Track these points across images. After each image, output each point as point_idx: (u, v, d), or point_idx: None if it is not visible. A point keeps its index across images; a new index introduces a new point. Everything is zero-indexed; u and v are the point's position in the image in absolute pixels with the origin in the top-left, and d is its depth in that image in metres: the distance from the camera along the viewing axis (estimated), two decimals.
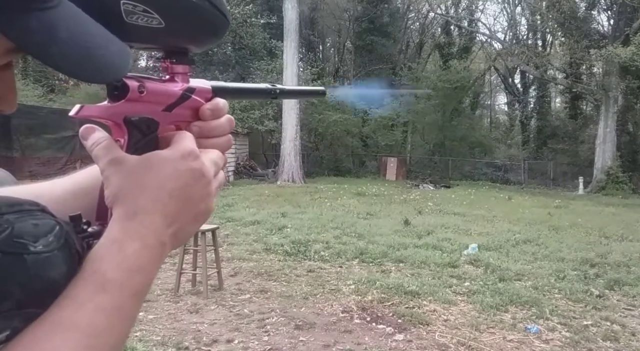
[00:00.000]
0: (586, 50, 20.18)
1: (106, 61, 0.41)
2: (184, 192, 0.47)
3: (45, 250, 0.39)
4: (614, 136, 20.88)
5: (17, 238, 0.38)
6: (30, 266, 0.38)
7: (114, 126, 0.48)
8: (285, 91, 0.65)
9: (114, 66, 0.42)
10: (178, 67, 0.52)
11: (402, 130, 26.68)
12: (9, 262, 0.37)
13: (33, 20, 0.36)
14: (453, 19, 29.64)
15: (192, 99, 0.52)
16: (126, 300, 0.42)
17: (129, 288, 0.42)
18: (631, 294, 5.51)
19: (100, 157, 0.46)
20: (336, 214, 10.46)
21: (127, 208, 0.44)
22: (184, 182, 0.47)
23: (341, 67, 32.07)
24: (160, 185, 0.46)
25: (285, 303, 4.96)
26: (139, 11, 0.43)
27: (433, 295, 5.19)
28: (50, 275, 0.39)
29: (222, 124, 0.55)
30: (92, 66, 0.41)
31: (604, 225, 10.11)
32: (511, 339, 4.20)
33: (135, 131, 0.48)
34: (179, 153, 0.47)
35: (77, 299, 0.40)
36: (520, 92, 31.91)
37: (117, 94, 0.46)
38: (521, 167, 24.90)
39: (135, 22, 0.43)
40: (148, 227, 0.44)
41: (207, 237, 5.37)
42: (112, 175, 0.45)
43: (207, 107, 0.53)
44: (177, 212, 0.47)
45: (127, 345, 3.78)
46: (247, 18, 23.69)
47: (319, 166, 24.32)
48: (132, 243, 0.43)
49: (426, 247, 7.43)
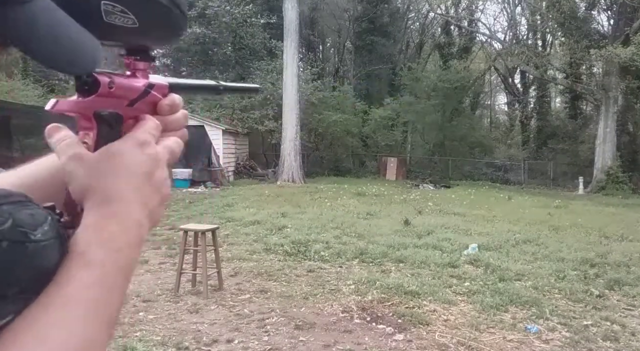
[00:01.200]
0: (586, 50, 20.16)
1: (80, 54, 0.44)
2: (148, 177, 0.50)
3: (43, 238, 0.41)
4: (614, 136, 20.88)
5: (19, 227, 0.40)
6: (31, 254, 0.40)
7: (83, 120, 0.50)
8: (228, 88, 0.68)
9: (88, 60, 0.45)
10: (140, 64, 0.54)
11: (402, 130, 26.69)
12: (14, 250, 0.39)
13: (12, 11, 0.38)
14: (453, 19, 29.64)
15: (151, 95, 0.54)
16: (112, 275, 0.45)
17: (113, 264, 0.45)
18: (631, 294, 5.50)
19: (61, 153, 0.48)
20: (336, 214, 10.46)
21: (99, 196, 0.47)
22: (146, 169, 0.50)
23: (341, 67, 32.08)
24: (125, 173, 0.49)
25: (285, 303, 4.96)
26: (117, 11, 0.46)
27: (433, 295, 5.19)
28: (47, 263, 0.42)
29: (178, 119, 0.57)
30: (68, 58, 0.43)
31: (604, 225, 10.11)
32: (511, 339, 4.20)
33: (103, 125, 0.50)
34: (135, 143, 0.50)
35: (65, 277, 0.42)
36: (520, 92, 31.92)
37: (88, 89, 0.48)
38: (521, 167, 24.90)
39: (113, 22, 0.46)
40: (123, 210, 0.47)
41: (207, 237, 5.37)
42: (75, 170, 0.48)
43: (165, 102, 0.55)
44: (148, 195, 0.50)
45: (127, 345, 3.79)
46: (247, 18, 23.70)
47: (319, 166, 24.32)
48: (110, 226, 0.46)
49: (426, 247, 7.43)
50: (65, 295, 0.42)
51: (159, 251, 7.17)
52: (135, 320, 4.39)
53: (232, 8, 23.01)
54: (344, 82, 28.74)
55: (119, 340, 3.95)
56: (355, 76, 28.85)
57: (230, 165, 19.45)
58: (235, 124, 20.81)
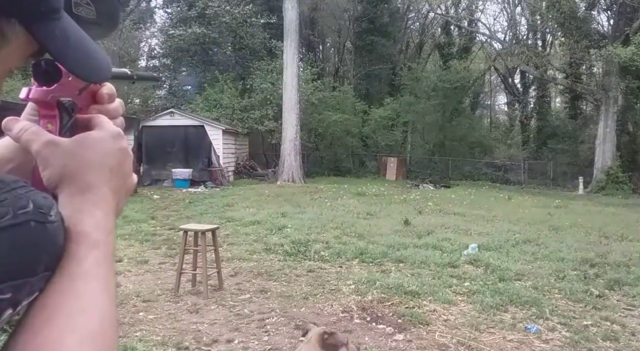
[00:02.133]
0: (586, 50, 20.16)
1: (100, 62, 0.50)
2: (120, 168, 0.53)
3: (56, 219, 0.44)
4: (614, 136, 20.88)
5: (39, 209, 0.43)
6: (51, 234, 0.43)
7: (45, 109, 0.52)
8: (139, 76, 0.71)
9: (106, 66, 0.50)
10: None
11: (402, 130, 26.68)
12: (39, 230, 0.42)
13: (54, 27, 0.44)
14: (453, 19, 29.64)
15: (93, 84, 0.56)
16: (111, 255, 0.49)
17: (110, 246, 0.50)
18: (631, 294, 5.50)
19: (34, 141, 0.49)
20: (336, 214, 10.46)
21: (79, 183, 0.49)
22: (119, 160, 0.53)
23: (341, 67, 32.07)
24: (101, 163, 0.51)
25: (285, 303, 4.96)
26: (84, 4, 0.49)
27: (433, 295, 5.19)
28: (61, 242, 0.45)
29: (116, 107, 0.59)
30: (94, 67, 0.49)
31: (604, 225, 10.10)
32: (511, 339, 4.20)
33: (64, 113, 0.52)
34: (110, 134, 0.53)
35: (77, 255, 0.46)
36: (520, 92, 31.92)
37: (48, 78, 0.50)
38: (521, 167, 24.90)
39: (79, 14, 0.49)
40: (102, 198, 0.50)
41: (207, 237, 5.37)
42: (50, 156, 0.49)
43: (104, 91, 0.57)
44: (118, 186, 0.53)
45: (127, 345, 3.79)
46: (247, 18, 23.69)
47: (319, 166, 24.32)
48: (96, 210, 0.49)
49: (426, 247, 7.43)
50: (85, 271, 0.46)
51: (159, 251, 7.18)
52: (135, 320, 4.39)
53: (232, 8, 23.00)
54: (344, 82, 28.72)
55: (119, 339, 3.95)
56: (355, 76, 28.85)
57: (230, 165, 19.45)
58: (235, 124, 20.80)
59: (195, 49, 24.09)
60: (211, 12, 22.93)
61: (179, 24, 23.62)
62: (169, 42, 24.71)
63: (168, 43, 24.91)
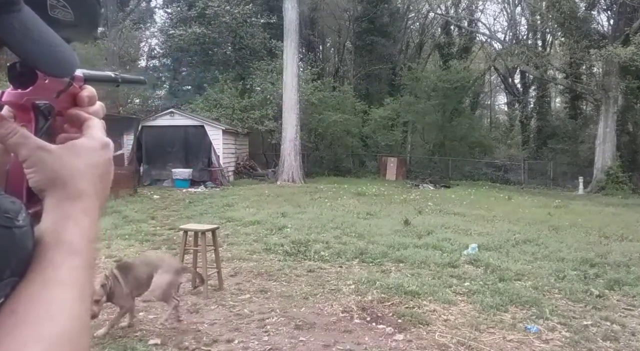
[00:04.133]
0: (586, 50, 20.16)
1: (65, 57, 0.49)
2: (106, 177, 0.54)
3: (24, 224, 0.44)
4: (614, 136, 20.87)
5: (5, 214, 0.42)
6: (18, 239, 0.43)
7: (20, 112, 0.51)
8: (124, 79, 0.71)
9: (70, 61, 0.50)
10: None
11: (402, 130, 26.69)
12: (5, 235, 0.41)
13: (13, 20, 0.43)
14: (453, 19, 29.64)
15: (73, 86, 0.55)
16: (89, 263, 0.49)
17: (92, 253, 0.50)
18: (631, 294, 5.50)
19: (23, 144, 0.49)
20: (336, 214, 10.46)
21: (70, 190, 0.49)
22: (105, 169, 0.54)
23: (341, 67, 32.07)
24: (92, 171, 0.52)
25: (285, 303, 4.96)
26: (60, 6, 0.49)
27: (433, 295, 5.19)
28: (29, 247, 0.45)
29: (97, 110, 0.58)
30: (58, 61, 0.48)
31: (604, 225, 10.10)
32: (511, 339, 4.20)
33: (40, 116, 0.51)
34: (99, 144, 0.54)
35: (54, 262, 0.46)
36: (520, 92, 31.91)
37: (23, 80, 0.49)
38: (521, 167, 24.90)
39: (56, 16, 0.49)
40: (91, 205, 0.51)
41: (207, 237, 5.37)
42: (40, 162, 0.49)
43: (85, 94, 0.56)
44: (104, 194, 0.54)
45: (127, 345, 3.79)
46: (247, 18, 23.69)
47: (319, 166, 24.32)
48: (83, 218, 0.49)
49: (426, 247, 7.43)
50: (60, 277, 0.45)
51: (159, 251, 7.17)
52: (135, 320, 4.39)
53: (232, 8, 23.00)
54: (344, 82, 28.71)
55: (118, 340, 3.95)
56: (355, 76, 28.85)
57: (230, 165, 19.45)
58: (235, 124, 20.80)
59: (195, 49, 24.09)
60: (211, 12, 22.92)
61: (179, 24, 23.62)
62: (169, 42, 24.71)
63: (168, 43, 24.92)
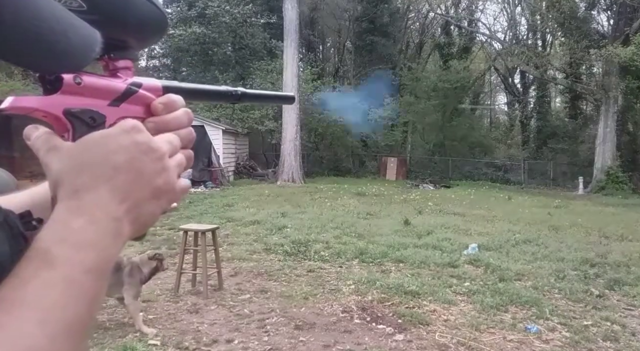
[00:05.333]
0: (586, 50, 20.17)
1: (61, 49, 0.40)
2: (132, 165, 0.45)
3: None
4: (614, 136, 20.88)
5: None
6: None
7: (54, 120, 0.46)
8: (248, 95, 0.64)
9: (71, 55, 0.41)
10: (118, 62, 0.51)
11: (402, 130, 26.69)
12: None
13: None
14: (453, 19, 29.63)
15: (140, 94, 0.51)
16: (78, 276, 0.40)
17: (79, 264, 0.40)
18: (631, 294, 5.50)
19: (40, 148, 0.45)
20: (336, 214, 10.46)
21: (67, 188, 0.43)
22: (131, 156, 0.45)
23: (341, 67, 32.06)
24: (101, 161, 0.44)
25: (285, 303, 4.96)
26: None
27: (433, 295, 5.19)
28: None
29: (178, 117, 0.52)
30: (42, 54, 0.39)
31: (604, 225, 10.10)
32: (511, 339, 4.20)
33: (79, 123, 0.46)
34: (120, 129, 0.46)
35: (21, 276, 0.38)
36: (520, 92, 31.90)
37: (51, 87, 0.45)
38: (521, 167, 24.90)
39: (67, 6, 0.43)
40: (92, 201, 0.42)
41: (207, 237, 5.37)
42: (50, 163, 0.44)
43: (158, 101, 0.51)
44: (128, 186, 0.44)
45: (127, 345, 3.79)
46: (247, 18, 23.71)
47: (319, 166, 24.32)
48: (76, 219, 0.41)
49: (426, 247, 7.43)
50: (21, 297, 0.37)
51: (158, 251, 7.16)
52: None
53: (232, 8, 23.00)
54: (344, 82, 28.71)
55: (118, 340, 3.95)
56: (355, 76, 28.85)
57: (230, 165, 19.44)
58: (235, 124, 20.80)
59: (195, 48, 24.09)
60: (211, 12, 22.93)
61: (179, 23, 23.63)
62: (169, 42, 24.70)
63: (168, 43, 24.90)
